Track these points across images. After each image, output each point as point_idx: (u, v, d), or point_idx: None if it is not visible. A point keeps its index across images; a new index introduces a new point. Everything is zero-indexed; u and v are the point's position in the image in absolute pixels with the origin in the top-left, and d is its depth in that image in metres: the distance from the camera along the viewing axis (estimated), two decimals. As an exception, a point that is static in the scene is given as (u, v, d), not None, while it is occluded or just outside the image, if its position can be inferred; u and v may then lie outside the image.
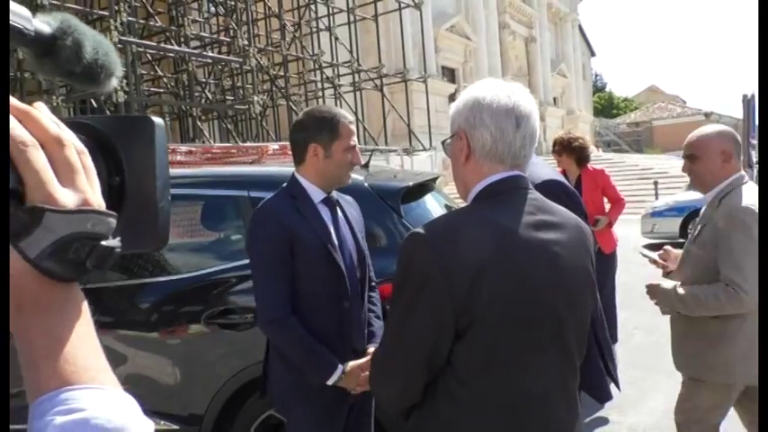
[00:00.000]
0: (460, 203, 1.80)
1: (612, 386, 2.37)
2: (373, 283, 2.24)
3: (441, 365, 1.17)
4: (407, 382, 1.20)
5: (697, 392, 2.43)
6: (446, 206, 3.25)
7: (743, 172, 2.39)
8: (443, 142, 1.37)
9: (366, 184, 2.77)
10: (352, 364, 1.97)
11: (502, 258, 1.14)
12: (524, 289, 1.15)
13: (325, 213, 2.06)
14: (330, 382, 1.95)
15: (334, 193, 2.15)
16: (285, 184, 2.09)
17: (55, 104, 8.33)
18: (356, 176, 2.74)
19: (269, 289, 1.97)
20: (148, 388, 2.83)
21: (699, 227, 2.37)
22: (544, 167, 2.11)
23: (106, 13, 8.41)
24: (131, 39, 8.86)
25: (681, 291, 2.29)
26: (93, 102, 9.68)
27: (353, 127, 2.09)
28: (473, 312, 1.12)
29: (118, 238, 0.52)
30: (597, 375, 1.79)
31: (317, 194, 2.06)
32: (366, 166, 3.08)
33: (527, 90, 1.31)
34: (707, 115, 47.05)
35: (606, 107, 56.00)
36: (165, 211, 0.63)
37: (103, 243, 0.50)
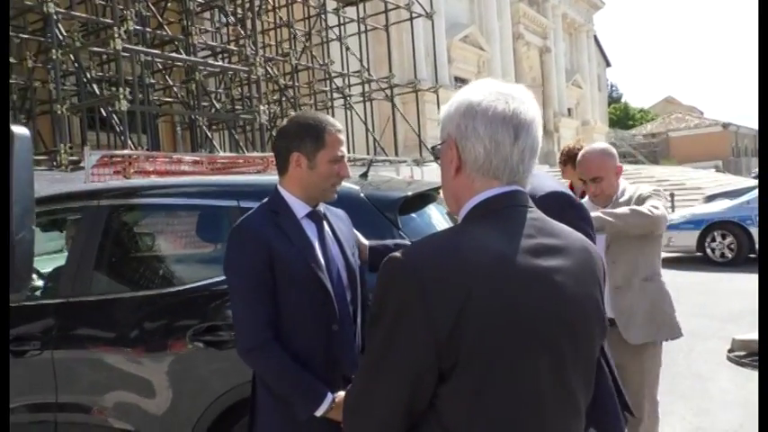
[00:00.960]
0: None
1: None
2: (369, 303, 2.07)
3: (422, 410, 1.00)
4: (383, 429, 1.03)
5: (652, 363, 2.74)
6: (450, 217, 3.08)
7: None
8: (433, 147, 1.21)
9: (362, 194, 2.61)
10: (343, 393, 1.79)
11: (493, 289, 0.97)
12: (520, 325, 0.98)
13: (310, 229, 1.90)
14: (319, 413, 1.76)
15: (322, 206, 1.98)
16: (267, 199, 1.93)
17: (60, 112, 8.31)
18: (352, 186, 2.60)
19: (247, 313, 1.80)
20: (127, 410, 2.67)
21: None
22: (547, 179, 1.93)
23: (111, 21, 8.39)
24: (136, 47, 8.80)
25: (614, 210, 2.70)
26: (102, 111, 9.65)
27: (342, 136, 1.92)
28: (459, 351, 0.95)
29: None
30: (608, 402, 1.60)
31: (300, 209, 1.90)
32: (365, 175, 2.94)
33: (530, 93, 1.13)
34: (725, 126, 46.47)
35: (622, 118, 55.61)
36: (26, 244, 0.48)
37: None
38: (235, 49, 12.40)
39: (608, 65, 47.17)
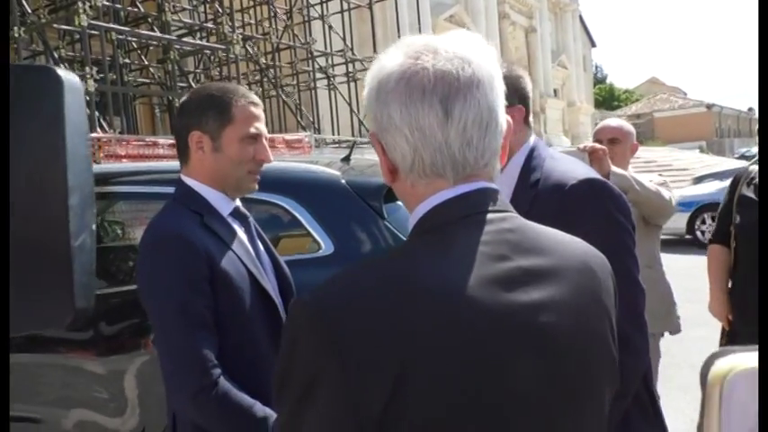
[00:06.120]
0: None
1: None
2: None
3: None
4: None
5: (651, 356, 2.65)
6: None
7: None
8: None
9: (343, 181, 2.37)
10: None
11: (444, 348, 0.67)
12: (486, 401, 0.68)
13: (240, 230, 1.57)
14: None
15: None
16: (174, 195, 1.55)
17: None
18: (332, 171, 2.38)
19: (188, 348, 1.37)
20: (88, 417, 2.43)
21: None
22: (576, 163, 1.60)
23: (77, -4, 8.00)
24: (102, 23, 8.41)
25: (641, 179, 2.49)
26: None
27: (258, 110, 1.54)
28: None
29: None
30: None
31: (224, 205, 1.55)
32: (347, 159, 2.70)
33: (476, 38, 0.80)
34: (708, 107, 46.67)
35: (607, 99, 55.69)
36: (86, 253, 0.31)
37: None
38: (212, 27, 11.97)
39: (593, 45, 46.98)
